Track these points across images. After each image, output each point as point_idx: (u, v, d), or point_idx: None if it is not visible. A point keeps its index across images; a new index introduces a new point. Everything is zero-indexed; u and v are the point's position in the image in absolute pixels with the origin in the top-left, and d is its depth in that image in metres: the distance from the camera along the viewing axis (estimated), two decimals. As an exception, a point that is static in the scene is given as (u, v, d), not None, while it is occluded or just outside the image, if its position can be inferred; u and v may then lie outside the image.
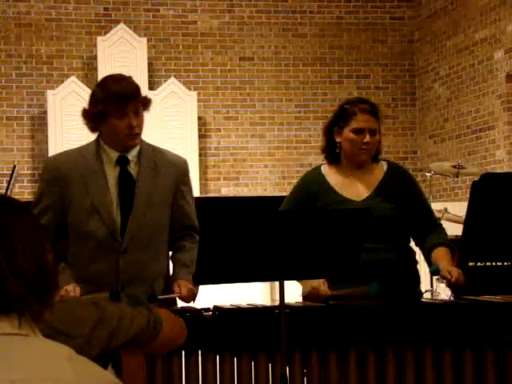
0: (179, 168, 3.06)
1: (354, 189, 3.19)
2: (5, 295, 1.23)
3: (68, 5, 8.55)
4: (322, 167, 3.28)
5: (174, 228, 3.03)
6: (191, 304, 2.94)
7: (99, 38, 8.37)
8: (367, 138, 3.13)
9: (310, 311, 2.77)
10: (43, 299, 1.28)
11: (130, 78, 3.00)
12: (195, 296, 2.94)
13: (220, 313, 2.73)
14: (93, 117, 2.95)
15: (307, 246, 2.53)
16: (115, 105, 2.87)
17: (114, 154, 2.97)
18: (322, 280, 3.02)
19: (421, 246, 3.27)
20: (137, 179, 2.96)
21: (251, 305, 2.90)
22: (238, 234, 2.46)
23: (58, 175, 2.96)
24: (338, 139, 3.20)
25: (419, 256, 3.30)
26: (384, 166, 3.27)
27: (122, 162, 2.97)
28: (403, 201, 3.18)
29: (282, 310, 2.55)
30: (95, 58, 8.40)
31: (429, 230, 3.21)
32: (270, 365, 2.68)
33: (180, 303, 3.02)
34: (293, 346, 2.65)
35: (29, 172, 8.45)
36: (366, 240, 3.04)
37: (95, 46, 8.41)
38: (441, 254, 3.12)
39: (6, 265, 1.24)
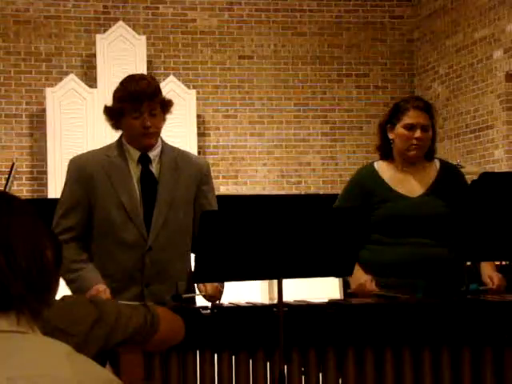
0: (200, 168, 3.09)
1: (408, 185, 3.23)
2: (4, 293, 1.23)
3: (67, 2, 8.54)
4: (375, 163, 3.31)
5: (196, 228, 3.01)
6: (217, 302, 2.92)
7: (98, 36, 8.36)
8: (418, 134, 3.17)
9: (309, 310, 2.77)
10: (43, 297, 1.28)
11: (151, 78, 3.04)
12: (221, 294, 2.94)
13: (218, 311, 2.73)
14: (111, 114, 2.98)
15: (306, 245, 2.53)
16: (130, 104, 2.91)
17: (136, 153, 3.00)
18: (370, 277, 3.06)
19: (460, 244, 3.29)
20: (159, 179, 2.99)
21: (250, 303, 2.90)
22: (237, 233, 2.46)
23: (83, 174, 2.98)
24: (391, 136, 3.24)
25: None
26: (437, 163, 3.31)
27: (144, 160, 3.00)
28: (454, 199, 3.21)
29: (280, 308, 2.55)
30: (94, 55, 8.40)
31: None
32: (268, 363, 2.68)
33: (203, 301, 3.00)
34: (291, 344, 2.65)
35: (27, 170, 8.45)
36: (420, 235, 3.09)
37: (94, 43, 8.40)
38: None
39: (5, 263, 1.23)
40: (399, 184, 3.22)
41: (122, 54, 8.30)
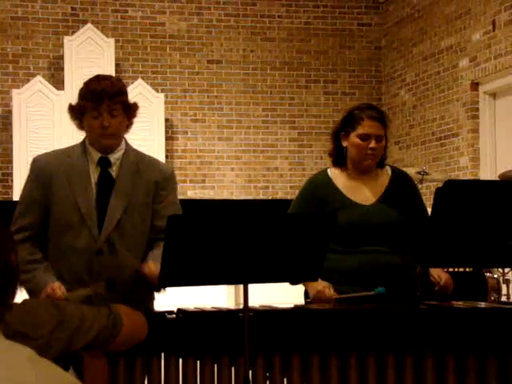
0: (163, 174, 3.04)
1: (362, 193, 3.23)
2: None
3: (35, 4, 8.47)
4: (329, 170, 3.30)
5: (152, 231, 3.01)
6: (162, 292, 2.90)
7: (66, 38, 8.31)
8: (372, 144, 3.16)
9: (274, 315, 2.78)
10: (5, 300, 1.27)
11: (116, 80, 3.01)
12: None
13: (184, 315, 2.72)
14: (73, 112, 2.97)
15: (272, 250, 2.53)
16: (90, 102, 2.89)
17: (97, 155, 2.98)
18: (328, 284, 3.04)
19: (417, 251, 3.31)
20: (116, 181, 2.96)
21: (215, 308, 2.89)
22: (204, 237, 2.46)
23: (42, 173, 2.97)
24: (344, 144, 3.24)
25: None
26: (388, 171, 3.32)
27: (104, 163, 2.97)
28: (407, 206, 3.24)
29: (245, 313, 2.55)
30: (62, 57, 8.34)
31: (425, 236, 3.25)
32: (233, 368, 2.68)
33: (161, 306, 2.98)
34: (256, 349, 2.65)
35: (-8, 171, 8.35)
36: (374, 243, 3.10)
37: (62, 45, 8.34)
38: None
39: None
40: (353, 192, 3.22)
41: (90, 56, 8.25)
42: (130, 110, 2.97)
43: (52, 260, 2.93)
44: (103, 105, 2.88)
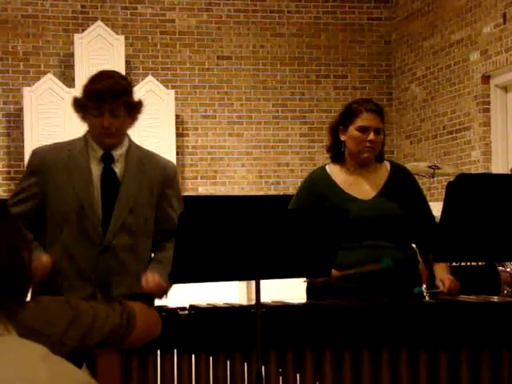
0: (166, 171, 3.02)
1: (361, 188, 3.22)
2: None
3: (45, 1, 8.49)
4: (327, 166, 3.30)
5: (156, 231, 2.99)
6: (163, 300, 2.88)
7: (76, 36, 8.33)
8: (371, 136, 3.16)
9: (287, 311, 2.78)
10: (18, 298, 1.27)
11: (120, 78, 2.95)
12: (166, 291, 2.87)
13: (196, 312, 2.72)
14: (76, 108, 2.94)
15: (284, 246, 2.53)
16: (92, 102, 2.86)
17: (99, 151, 2.94)
18: None
19: (420, 245, 3.32)
20: (122, 179, 2.93)
21: (227, 304, 2.90)
22: (215, 233, 2.46)
23: (40, 166, 2.93)
24: (342, 138, 3.24)
25: None
26: (387, 165, 3.31)
27: (107, 159, 2.94)
28: (407, 200, 3.23)
29: (258, 309, 2.55)
30: (72, 55, 8.36)
31: (429, 230, 3.25)
32: (245, 364, 2.68)
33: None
34: (269, 345, 2.65)
35: (4, 170, 8.38)
36: (375, 238, 3.09)
37: (72, 43, 8.36)
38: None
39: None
40: (352, 187, 3.21)
41: (100, 53, 8.26)
42: (134, 110, 2.93)
43: (54, 255, 2.85)
44: (105, 104, 2.84)
